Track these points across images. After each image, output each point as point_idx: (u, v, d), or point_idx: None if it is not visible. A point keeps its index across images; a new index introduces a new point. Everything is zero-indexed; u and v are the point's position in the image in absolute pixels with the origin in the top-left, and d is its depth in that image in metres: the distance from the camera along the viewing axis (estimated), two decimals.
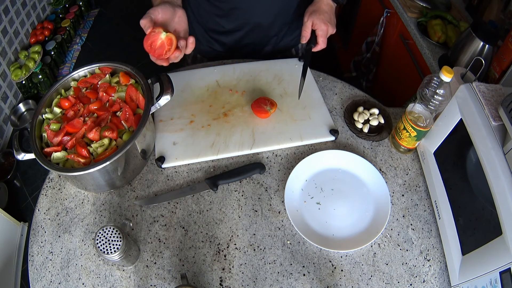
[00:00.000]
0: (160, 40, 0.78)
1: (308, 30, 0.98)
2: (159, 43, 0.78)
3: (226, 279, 0.78)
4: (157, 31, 0.78)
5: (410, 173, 0.94)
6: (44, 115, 0.86)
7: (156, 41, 0.78)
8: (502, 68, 1.08)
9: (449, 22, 1.43)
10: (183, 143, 0.95)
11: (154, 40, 0.78)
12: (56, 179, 0.92)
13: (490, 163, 0.66)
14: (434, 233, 0.84)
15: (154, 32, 0.78)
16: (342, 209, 0.86)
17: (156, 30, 0.78)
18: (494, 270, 0.62)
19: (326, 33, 0.98)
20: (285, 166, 0.94)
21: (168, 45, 0.79)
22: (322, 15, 0.98)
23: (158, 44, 0.78)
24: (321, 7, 1.00)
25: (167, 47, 0.79)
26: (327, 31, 0.98)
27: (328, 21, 0.98)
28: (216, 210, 0.87)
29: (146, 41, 0.79)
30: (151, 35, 0.78)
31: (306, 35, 0.99)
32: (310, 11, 0.99)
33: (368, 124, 0.99)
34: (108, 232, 0.69)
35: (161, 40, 0.78)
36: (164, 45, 0.79)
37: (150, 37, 0.78)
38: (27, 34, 2.48)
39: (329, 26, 0.98)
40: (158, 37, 0.78)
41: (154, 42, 0.79)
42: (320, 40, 0.98)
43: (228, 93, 1.06)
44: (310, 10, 1.00)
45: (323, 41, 0.98)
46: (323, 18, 0.97)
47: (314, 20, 0.97)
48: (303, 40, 1.00)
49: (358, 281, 0.78)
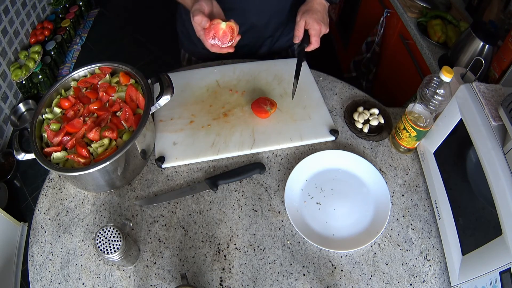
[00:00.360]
0: (222, 30, 0.82)
1: (301, 29, 0.97)
2: (221, 32, 0.83)
3: (226, 279, 0.78)
4: (216, 23, 0.82)
5: (410, 173, 0.94)
6: (44, 115, 0.86)
7: (219, 31, 0.83)
8: (502, 68, 1.08)
9: (449, 22, 1.43)
10: (183, 143, 0.95)
11: (216, 31, 0.83)
12: (56, 179, 0.92)
13: (490, 163, 0.66)
14: (434, 233, 0.84)
15: (214, 23, 0.82)
16: (342, 209, 0.86)
17: (215, 21, 0.82)
18: (494, 270, 0.62)
19: (319, 33, 0.97)
20: (285, 166, 0.94)
21: (230, 33, 0.83)
22: (315, 14, 0.96)
23: (221, 34, 0.83)
24: (313, 6, 0.98)
25: (230, 35, 0.83)
26: (320, 30, 0.96)
27: (321, 20, 0.97)
28: (216, 210, 0.87)
29: (208, 34, 0.83)
30: (211, 27, 0.82)
31: (299, 35, 0.98)
32: (302, 11, 0.98)
33: (368, 124, 0.99)
34: (108, 232, 0.69)
35: (223, 30, 0.82)
36: (226, 33, 0.83)
37: (211, 30, 0.82)
38: (27, 34, 2.48)
39: (322, 26, 0.96)
40: (219, 27, 0.82)
41: (217, 32, 0.83)
42: (313, 40, 0.97)
43: (228, 93, 1.06)
44: (303, 9, 0.99)
45: (316, 41, 0.97)
46: (316, 17, 0.96)
47: (307, 20, 0.96)
48: (296, 40, 0.99)
49: (358, 281, 0.78)
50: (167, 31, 2.83)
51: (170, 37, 2.82)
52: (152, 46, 2.80)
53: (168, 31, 2.84)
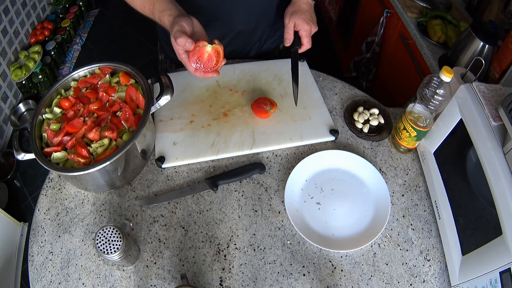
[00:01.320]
0: (207, 53, 0.75)
1: (291, 32, 0.95)
2: (206, 56, 0.76)
3: (226, 279, 0.78)
4: (201, 45, 0.75)
5: (410, 173, 0.94)
6: (44, 115, 0.86)
7: (203, 55, 0.75)
8: (502, 68, 1.08)
9: (449, 22, 1.43)
10: (183, 143, 0.95)
11: (201, 54, 0.75)
12: (56, 179, 0.92)
13: (490, 163, 0.66)
14: (434, 233, 0.84)
15: (199, 46, 0.75)
16: (342, 209, 0.86)
17: (200, 44, 0.75)
18: (494, 270, 0.62)
19: (310, 33, 0.95)
20: (285, 166, 0.94)
21: (216, 56, 0.76)
22: (304, 15, 0.94)
23: (206, 58, 0.76)
24: (301, 6, 0.96)
25: (216, 58, 0.77)
26: (310, 30, 0.95)
27: (310, 20, 0.95)
28: (216, 210, 0.87)
29: (191, 57, 0.76)
30: (196, 50, 0.75)
31: (290, 38, 0.95)
32: (290, 12, 0.96)
33: (368, 124, 0.99)
34: (108, 232, 0.69)
35: (208, 53, 0.75)
36: (211, 57, 0.76)
37: (195, 53, 0.75)
38: (27, 34, 2.48)
39: (312, 25, 0.95)
40: (204, 50, 0.75)
41: (201, 56, 0.76)
42: (305, 41, 0.95)
43: (228, 93, 1.06)
44: (290, 11, 0.96)
45: (308, 42, 0.95)
46: (305, 17, 0.94)
47: (296, 21, 0.94)
48: (287, 43, 0.96)
49: (358, 281, 0.78)
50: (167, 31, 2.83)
51: None
52: (152, 46, 2.79)
53: None
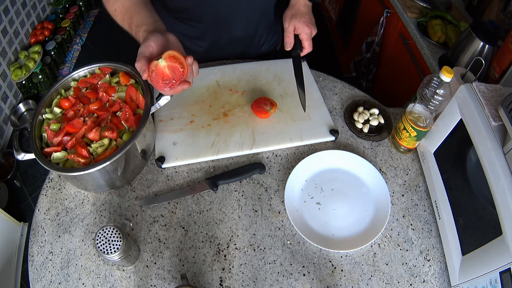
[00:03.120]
0: (166, 68, 0.68)
1: (291, 36, 0.94)
2: (167, 70, 0.68)
3: (226, 279, 0.78)
4: (154, 67, 0.67)
5: (410, 173, 0.94)
6: (44, 115, 0.86)
7: (164, 72, 0.68)
8: (502, 68, 1.08)
9: (449, 22, 1.43)
10: (183, 143, 0.95)
11: (161, 72, 0.68)
12: (56, 179, 0.92)
13: (490, 163, 0.66)
14: (434, 233, 0.84)
15: (153, 70, 0.67)
16: (342, 209, 0.86)
17: (152, 66, 0.67)
18: (494, 270, 0.62)
19: (311, 35, 0.95)
20: (285, 166, 0.94)
21: (176, 63, 0.68)
22: (303, 18, 0.94)
23: (168, 72, 0.68)
24: (299, 9, 0.96)
25: (178, 65, 0.68)
26: (310, 33, 0.94)
27: (310, 23, 0.94)
28: (216, 210, 0.87)
29: (156, 82, 0.69)
30: (153, 74, 0.68)
31: (290, 42, 0.95)
32: (289, 16, 0.95)
33: (368, 124, 0.99)
34: (108, 232, 0.69)
35: (166, 66, 0.67)
36: (174, 67, 0.68)
37: (157, 77, 0.68)
38: (27, 34, 2.48)
39: (312, 28, 0.94)
40: (160, 67, 0.68)
41: (164, 74, 0.68)
42: (306, 44, 0.95)
43: (228, 93, 1.06)
44: (289, 14, 0.95)
45: (309, 45, 0.95)
46: (305, 20, 0.94)
47: (296, 24, 0.93)
48: (288, 48, 0.96)
49: (358, 281, 0.78)
50: None
51: None
52: None
53: None
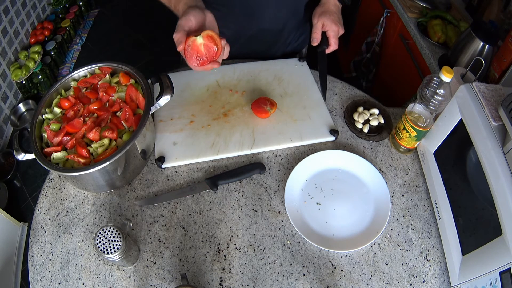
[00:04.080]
0: (202, 46, 0.71)
1: (319, 31, 0.97)
2: (202, 48, 0.72)
3: (226, 279, 0.78)
4: (191, 41, 0.71)
5: (410, 173, 0.94)
6: (44, 115, 0.86)
7: (199, 49, 0.72)
8: (502, 68, 1.08)
9: (449, 22, 1.43)
10: (183, 143, 0.95)
11: (196, 49, 0.72)
12: (56, 179, 0.92)
13: (490, 163, 0.66)
14: (434, 233, 0.84)
15: (189, 45, 0.71)
16: (342, 209, 0.86)
17: (189, 41, 0.71)
18: (494, 270, 0.62)
19: (338, 34, 0.97)
20: (285, 166, 0.94)
21: (212, 43, 0.72)
22: (332, 16, 0.97)
23: (203, 50, 0.72)
24: (329, 8, 0.98)
25: (214, 46, 0.72)
26: (338, 31, 0.97)
27: (338, 22, 0.97)
28: (216, 210, 0.87)
29: (190, 56, 0.72)
30: (189, 49, 0.72)
31: (318, 37, 0.97)
32: (319, 13, 0.98)
33: (368, 124, 0.99)
34: (108, 232, 0.69)
35: (202, 44, 0.71)
36: (209, 47, 0.72)
37: (191, 51, 0.72)
38: (27, 34, 2.48)
39: (340, 27, 0.97)
40: (197, 44, 0.71)
41: (198, 51, 0.72)
42: (332, 41, 0.97)
43: (228, 93, 1.06)
44: (319, 11, 0.98)
45: (335, 42, 0.97)
46: (333, 19, 0.96)
47: (325, 21, 0.96)
48: (315, 43, 0.98)
49: (358, 281, 0.78)
50: (167, 31, 2.83)
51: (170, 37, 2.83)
52: (152, 46, 2.80)
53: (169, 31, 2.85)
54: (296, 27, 1.14)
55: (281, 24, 1.09)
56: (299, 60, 1.15)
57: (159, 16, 2.98)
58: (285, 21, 1.09)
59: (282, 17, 1.07)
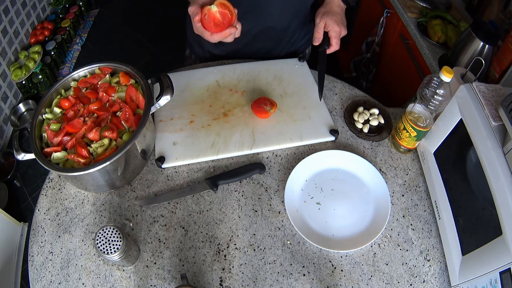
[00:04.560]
0: (217, 13, 0.75)
1: (321, 31, 0.97)
2: (218, 15, 0.76)
3: (226, 279, 0.78)
4: (206, 10, 0.75)
5: (410, 173, 0.94)
6: (44, 115, 0.86)
7: (216, 16, 0.75)
8: (502, 68, 1.08)
9: (449, 22, 1.43)
10: (183, 143, 0.95)
11: (213, 17, 0.75)
12: (56, 179, 0.92)
13: (490, 163, 0.66)
14: (434, 233, 0.84)
15: (205, 13, 0.75)
16: (342, 209, 0.86)
17: (205, 10, 0.75)
18: (494, 270, 0.62)
19: (339, 35, 0.97)
20: (285, 166, 0.94)
21: (226, 9, 0.75)
22: (335, 16, 0.96)
23: (219, 17, 0.76)
24: (333, 8, 0.98)
25: (228, 12, 0.75)
26: (340, 32, 0.97)
27: (341, 22, 0.97)
28: (216, 210, 0.87)
29: (208, 24, 0.76)
30: (205, 18, 0.75)
31: (319, 37, 0.97)
32: (322, 12, 0.98)
33: (368, 124, 0.99)
34: (108, 232, 0.69)
35: (217, 11, 0.75)
36: (224, 13, 0.75)
37: (209, 19, 0.76)
38: (27, 34, 2.48)
39: (342, 28, 0.97)
40: (212, 12, 0.75)
41: (215, 18, 0.76)
42: (334, 42, 0.97)
43: (228, 93, 1.06)
44: (322, 11, 0.98)
45: (336, 43, 0.97)
46: (336, 19, 0.96)
47: (327, 21, 0.95)
48: (316, 42, 0.98)
49: (358, 281, 0.78)
50: (167, 31, 2.84)
51: (170, 37, 2.84)
52: (152, 46, 2.80)
53: (169, 31, 2.85)
54: (301, 26, 1.14)
55: (287, 22, 1.09)
56: (299, 60, 1.15)
57: (159, 16, 2.98)
58: (291, 19, 1.09)
59: (288, 15, 1.07)
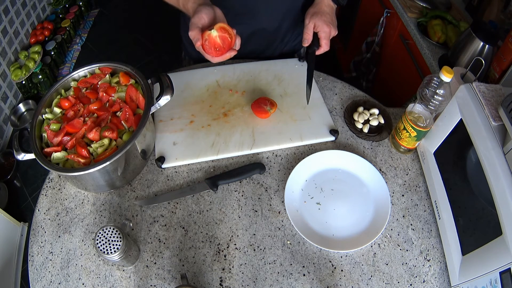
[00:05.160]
0: (217, 38, 0.76)
1: (310, 32, 0.95)
2: (219, 40, 0.76)
3: (226, 279, 0.78)
4: (207, 36, 0.76)
5: (410, 173, 0.94)
6: (44, 115, 0.86)
7: (216, 41, 0.76)
8: (502, 68, 1.08)
9: (449, 22, 1.43)
10: (183, 143, 0.95)
11: (213, 42, 0.76)
12: (56, 179, 0.92)
13: (490, 163, 0.66)
14: (434, 233, 0.84)
15: (206, 39, 0.76)
16: (342, 209, 0.86)
17: (205, 35, 0.76)
18: (494, 270, 0.62)
19: (329, 35, 0.95)
20: (285, 166, 0.94)
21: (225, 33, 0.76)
22: (324, 17, 0.95)
23: (219, 42, 0.77)
24: (322, 8, 0.97)
25: (228, 36, 0.76)
26: (329, 33, 0.95)
27: (330, 23, 0.95)
28: (216, 210, 0.87)
29: (209, 49, 0.77)
30: (206, 43, 0.76)
31: (308, 38, 0.96)
32: (311, 13, 0.97)
33: (368, 124, 0.99)
34: (108, 232, 0.69)
35: (218, 36, 0.76)
36: (224, 37, 0.76)
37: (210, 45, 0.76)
38: (27, 34, 2.48)
39: (332, 28, 0.95)
40: (213, 37, 0.76)
41: (215, 43, 0.77)
42: (323, 43, 0.95)
43: (228, 93, 1.06)
44: (311, 11, 0.97)
45: (326, 44, 0.95)
46: (325, 19, 0.95)
47: (316, 22, 0.94)
48: (305, 43, 0.97)
49: (358, 281, 0.78)
50: (167, 31, 2.84)
51: (170, 37, 2.84)
52: (152, 46, 2.80)
53: (168, 31, 2.85)
54: (293, 26, 1.13)
55: (277, 23, 1.09)
56: (299, 60, 1.15)
57: (159, 16, 2.98)
58: (281, 20, 1.09)
59: (278, 16, 1.07)
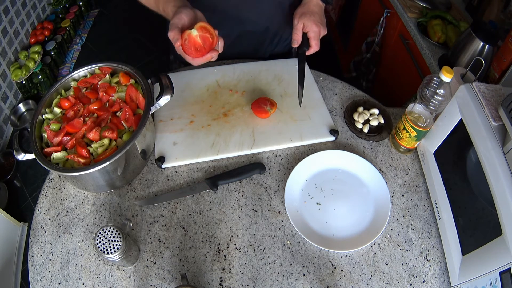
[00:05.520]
0: (198, 37, 0.73)
1: (299, 33, 0.94)
2: (199, 40, 0.74)
3: (226, 279, 0.78)
4: (187, 36, 0.73)
5: (410, 173, 0.94)
6: (44, 115, 0.86)
7: (196, 41, 0.74)
8: (502, 68, 1.08)
9: (449, 22, 1.43)
10: (183, 143, 0.95)
11: (193, 41, 0.74)
12: (56, 179, 0.92)
13: (490, 163, 0.66)
14: (434, 233, 0.84)
15: (186, 39, 0.73)
16: (342, 209, 0.86)
17: (185, 35, 0.73)
18: (494, 270, 0.62)
19: (319, 35, 0.94)
20: (285, 166, 0.94)
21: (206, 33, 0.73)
22: (313, 17, 0.94)
23: (200, 41, 0.74)
24: (310, 8, 0.95)
25: (209, 35, 0.73)
26: (319, 32, 0.94)
27: (320, 22, 0.94)
28: (216, 210, 0.87)
29: (189, 49, 0.74)
30: (186, 43, 0.74)
31: (298, 39, 0.95)
32: (299, 13, 0.95)
33: (368, 124, 0.99)
34: (108, 232, 0.69)
35: (198, 35, 0.73)
36: (205, 37, 0.73)
37: (189, 45, 0.74)
38: (27, 34, 2.48)
39: (321, 28, 0.94)
40: (193, 36, 0.73)
41: (195, 43, 0.74)
42: (313, 43, 0.94)
43: (228, 93, 1.06)
44: (300, 12, 0.96)
45: (316, 44, 0.94)
46: (314, 19, 0.93)
47: (305, 22, 0.93)
48: (295, 44, 0.96)
49: (358, 281, 0.78)
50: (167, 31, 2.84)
51: None
52: (152, 46, 2.80)
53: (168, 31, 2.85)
54: (283, 27, 1.12)
55: (265, 24, 1.08)
56: None
57: (159, 16, 2.97)
58: (269, 21, 1.08)
59: (265, 17, 1.06)
